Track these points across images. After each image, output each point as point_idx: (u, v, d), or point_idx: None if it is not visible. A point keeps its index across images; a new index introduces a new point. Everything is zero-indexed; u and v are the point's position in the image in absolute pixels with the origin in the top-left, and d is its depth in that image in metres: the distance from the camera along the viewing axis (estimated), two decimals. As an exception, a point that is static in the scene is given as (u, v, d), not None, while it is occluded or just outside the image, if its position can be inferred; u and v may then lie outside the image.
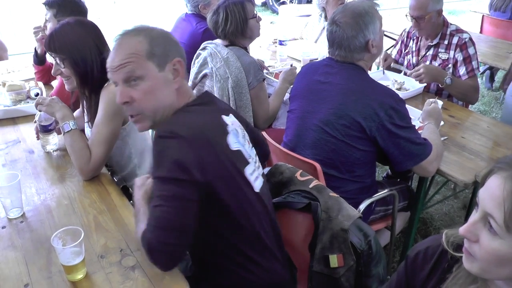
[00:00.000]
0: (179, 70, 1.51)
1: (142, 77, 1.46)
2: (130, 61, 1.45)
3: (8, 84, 2.74)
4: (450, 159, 2.17)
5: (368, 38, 2.04)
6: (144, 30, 1.50)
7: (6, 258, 1.54)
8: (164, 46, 1.49)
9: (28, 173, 2.04)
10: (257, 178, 1.55)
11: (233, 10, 2.64)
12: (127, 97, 1.48)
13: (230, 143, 1.48)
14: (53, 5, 2.70)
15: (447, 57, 2.96)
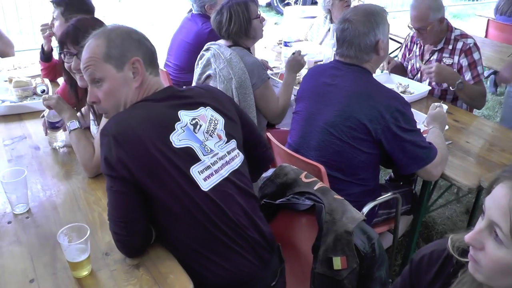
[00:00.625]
0: (139, 68, 1.56)
1: (102, 79, 1.54)
2: (90, 65, 1.54)
3: (14, 80, 2.75)
4: (454, 164, 2.18)
5: (378, 37, 2.06)
6: (106, 32, 1.57)
7: (11, 253, 1.55)
8: (121, 47, 1.54)
9: (33, 169, 2.05)
10: (210, 176, 1.53)
11: (237, 10, 2.64)
12: (94, 97, 1.58)
13: (173, 140, 1.49)
14: (60, 3, 2.72)
15: (452, 62, 2.95)
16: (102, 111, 1.62)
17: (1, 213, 1.76)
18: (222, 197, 1.54)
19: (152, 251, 1.55)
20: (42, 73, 3.09)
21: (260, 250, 1.59)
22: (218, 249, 1.53)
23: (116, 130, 1.45)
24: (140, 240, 1.53)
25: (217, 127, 1.62)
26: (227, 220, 1.53)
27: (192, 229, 1.50)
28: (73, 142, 2.01)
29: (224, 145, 1.62)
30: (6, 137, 2.34)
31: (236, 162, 1.63)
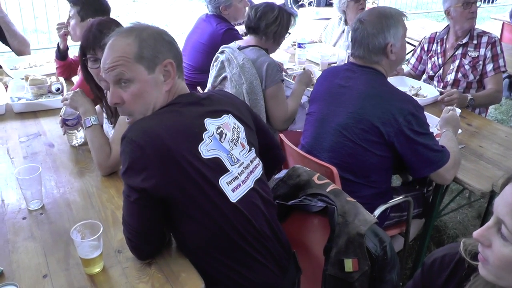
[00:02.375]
0: (171, 72, 1.50)
1: (131, 80, 1.46)
2: (119, 64, 1.45)
3: (30, 78, 2.78)
4: (467, 168, 2.16)
5: (388, 41, 2.06)
6: (135, 31, 1.49)
7: (26, 248, 1.57)
8: (154, 48, 1.47)
9: (48, 166, 2.08)
10: (238, 186, 1.50)
11: (284, 17, 2.73)
12: (117, 98, 1.49)
13: (202, 151, 1.44)
14: (77, 2, 2.74)
15: (477, 55, 3.03)
16: (126, 113, 1.53)
17: (16, 209, 1.78)
18: (249, 207, 1.51)
19: (164, 249, 1.56)
20: (57, 71, 3.12)
21: (280, 259, 1.58)
22: (241, 258, 1.51)
23: (143, 139, 1.37)
24: (152, 248, 1.52)
25: (240, 135, 1.58)
26: (253, 230, 1.51)
27: (217, 239, 1.48)
28: (88, 139, 2.02)
29: (247, 153, 1.58)
30: (22, 134, 2.37)
31: (258, 171, 1.61)
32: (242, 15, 3.53)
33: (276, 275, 1.57)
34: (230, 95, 1.76)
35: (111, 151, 1.98)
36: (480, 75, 3.05)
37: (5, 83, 2.94)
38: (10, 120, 2.54)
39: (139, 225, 1.45)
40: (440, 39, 3.21)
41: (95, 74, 2.05)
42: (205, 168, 1.42)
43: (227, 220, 1.46)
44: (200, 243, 1.49)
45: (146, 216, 1.44)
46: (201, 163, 1.42)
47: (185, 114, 1.49)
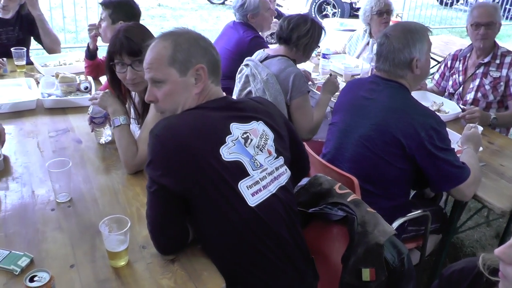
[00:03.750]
0: (202, 76, 1.57)
1: (163, 81, 1.56)
2: (153, 66, 1.56)
3: (61, 75, 2.86)
4: (488, 186, 2.17)
5: (413, 55, 2.08)
6: (174, 35, 1.59)
7: (54, 238, 1.63)
8: (187, 53, 1.55)
9: (75, 161, 2.13)
10: (258, 191, 1.53)
11: (315, 28, 2.77)
12: (152, 96, 1.60)
13: (223, 153, 1.48)
14: (109, 5, 2.82)
15: (499, 75, 3.03)
16: (159, 110, 1.65)
17: (46, 200, 1.84)
18: (268, 212, 1.53)
19: (188, 248, 1.60)
20: (85, 70, 3.20)
21: (298, 264, 1.61)
22: (259, 261, 1.54)
23: (165, 135, 1.47)
24: (171, 243, 1.56)
25: (268, 142, 1.62)
26: (271, 235, 1.54)
27: (234, 241, 1.52)
28: (116, 138, 2.08)
29: (273, 160, 1.62)
30: (51, 129, 2.45)
31: (283, 178, 1.63)
32: (268, 24, 3.60)
33: (294, 280, 1.60)
34: (269, 104, 1.80)
35: (138, 150, 2.03)
36: (502, 96, 3.05)
37: (37, 79, 3.03)
38: (41, 115, 2.62)
39: (156, 216, 1.52)
40: (463, 56, 3.22)
41: (122, 78, 2.11)
42: (225, 170, 1.47)
43: (245, 223, 1.50)
44: (219, 244, 1.54)
45: (164, 208, 1.51)
46: (220, 165, 1.47)
47: (210, 116, 1.56)
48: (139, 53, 1.98)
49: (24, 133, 2.39)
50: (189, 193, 1.46)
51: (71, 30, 7.62)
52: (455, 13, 11.16)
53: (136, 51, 2.01)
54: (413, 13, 10.07)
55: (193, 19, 10.26)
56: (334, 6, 10.14)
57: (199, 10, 11.26)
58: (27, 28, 3.56)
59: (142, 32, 2.11)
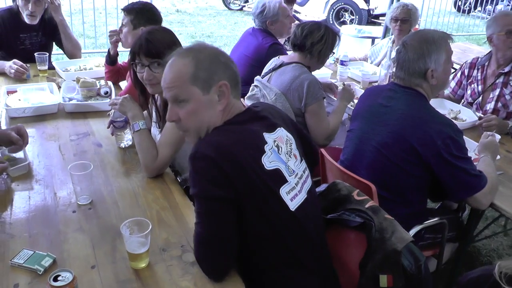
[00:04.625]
0: (225, 92, 1.55)
1: (187, 100, 1.53)
2: (175, 85, 1.53)
3: (81, 80, 2.91)
4: (505, 194, 2.16)
5: (428, 66, 2.08)
6: (193, 52, 1.56)
7: (76, 239, 1.67)
8: (209, 70, 1.53)
9: (96, 164, 2.16)
10: (295, 196, 1.57)
11: (329, 35, 2.78)
12: (175, 115, 1.57)
13: (265, 162, 1.51)
14: (131, 11, 2.86)
15: None
16: (182, 129, 1.62)
17: (67, 202, 1.88)
18: (303, 216, 1.58)
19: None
20: (106, 75, 3.25)
21: (324, 267, 1.67)
22: (295, 267, 1.58)
23: (215, 153, 1.44)
24: (231, 261, 1.53)
25: (292, 147, 1.65)
26: (306, 238, 1.59)
27: (276, 248, 1.56)
28: (136, 142, 2.12)
29: (299, 164, 1.65)
30: (72, 133, 2.50)
31: (309, 181, 1.68)
32: (287, 31, 3.63)
33: (321, 281, 1.64)
34: (278, 109, 1.82)
35: (158, 154, 2.06)
36: None
37: (58, 83, 3.09)
38: (62, 119, 2.67)
39: (221, 236, 1.48)
40: (481, 65, 3.19)
41: (140, 78, 2.16)
42: (269, 179, 1.50)
43: (287, 229, 1.55)
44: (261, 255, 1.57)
45: (229, 223, 1.48)
46: (265, 175, 1.50)
47: (247, 129, 1.57)
48: (158, 55, 2.04)
49: (46, 136, 2.45)
50: (241, 203, 1.47)
51: (91, 35, 7.73)
52: (472, 20, 11.09)
53: (154, 53, 2.06)
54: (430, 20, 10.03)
55: (211, 25, 10.34)
56: (352, 12, 10.15)
57: (217, 16, 11.34)
58: (50, 33, 3.64)
59: (165, 35, 2.15)
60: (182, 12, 11.60)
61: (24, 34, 3.53)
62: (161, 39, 2.10)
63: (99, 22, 7.50)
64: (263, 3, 3.47)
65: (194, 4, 12.79)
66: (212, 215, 1.47)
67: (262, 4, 3.48)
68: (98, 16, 7.72)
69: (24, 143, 2.13)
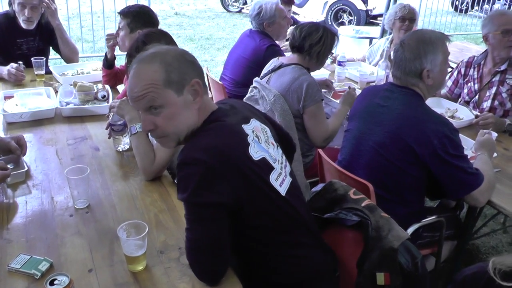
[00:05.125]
0: (198, 90, 1.53)
1: (162, 105, 1.49)
2: (149, 92, 1.47)
3: (79, 84, 2.92)
4: (502, 192, 2.17)
5: (424, 66, 2.08)
6: (159, 56, 1.52)
7: (73, 243, 1.67)
8: (179, 71, 1.50)
9: (93, 168, 2.17)
10: (283, 181, 1.61)
11: (328, 35, 2.78)
12: (150, 124, 1.52)
13: (252, 154, 1.52)
14: (127, 15, 2.87)
15: None
16: (159, 136, 1.57)
17: (64, 207, 1.89)
18: (293, 198, 1.63)
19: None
20: (103, 79, 3.26)
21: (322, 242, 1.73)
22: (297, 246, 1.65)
23: (207, 156, 1.42)
24: (225, 265, 1.53)
25: (268, 135, 1.68)
26: (299, 218, 1.64)
27: (276, 234, 1.60)
28: (134, 145, 2.12)
29: (277, 150, 1.69)
30: (70, 137, 2.50)
31: (288, 165, 1.73)
32: (284, 33, 3.64)
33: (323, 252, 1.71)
34: (243, 102, 1.88)
35: (155, 157, 2.07)
36: None
37: (55, 88, 3.09)
38: (59, 124, 2.68)
39: (216, 241, 1.47)
40: (477, 64, 3.20)
41: None
42: (259, 169, 1.52)
43: (284, 214, 1.59)
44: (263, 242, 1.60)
45: (218, 229, 1.46)
46: (255, 166, 1.51)
47: (228, 125, 1.56)
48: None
49: (43, 141, 2.45)
50: (240, 200, 1.48)
51: (88, 39, 7.74)
52: (470, 19, 11.11)
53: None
54: (428, 19, 10.04)
55: (209, 27, 10.35)
56: (350, 13, 10.17)
57: (215, 19, 11.35)
58: (47, 38, 3.65)
59: (161, 38, 2.16)
60: (180, 14, 11.61)
61: (21, 39, 3.54)
62: (158, 42, 2.11)
63: (97, 26, 7.51)
64: (260, 5, 3.48)
65: (192, 7, 12.81)
66: (202, 220, 1.45)
67: (259, 6, 3.49)
68: (96, 20, 7.74)
69: (22, 153, 2.14)
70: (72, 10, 7.55)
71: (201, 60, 7.49)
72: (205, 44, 8.73)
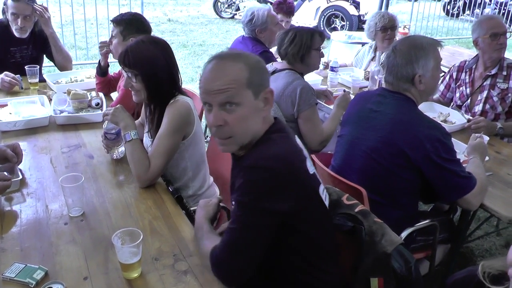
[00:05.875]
0: (269, 99, 1.56)
1: (238, 104, 1.48)
2: (231, 87, 1.47)
3: (73, 92, 2.92)
4: (494, 195, 2.19)
5: (416, 72, 2.09)
6: (242, 57, 1.53)
7: (68, 251, 1.67)
8: (261, 75, 1.53)
9: (87, 176, 2.18)
10: (326, 196, 1.67)
11: (302, 35, 2.79)
12: (221, 120, 1.50)
13: (308, 167, 1.56)
14: (120, 23, 2.87)
15: (507, 87, 3.07)
16: (226, 135, 1.53)
17: (59, 215, 1.89)
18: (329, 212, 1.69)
19: (199, 259, 1.64)
20: (97, 87, 3.26)
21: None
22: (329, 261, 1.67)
23: (277, 165, 1.44)
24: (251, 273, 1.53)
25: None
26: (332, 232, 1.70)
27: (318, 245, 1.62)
28: (128, 152, 2.13)
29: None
30: (64, 145, 2.50)
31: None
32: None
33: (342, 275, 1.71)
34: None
35: (150, 165, 2.08)
36: (510, 107, 3.08)
37: (49, 96, 3.09)
38: (53, 132, 2.67)
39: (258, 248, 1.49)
40: (469, 68, 3.24)
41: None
42: (314, 183, 1.58)
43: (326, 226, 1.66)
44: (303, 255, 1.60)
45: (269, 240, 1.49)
46: (311, 180, 1.57)
47: (289, 137, 1.60)
48: (133, 67, 2.09)
49: (37, 149, 2.45)
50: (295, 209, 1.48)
51: (82, 47, 7.74)
52: (461, 23, 11.20)
53: (129, 64, 2.09)
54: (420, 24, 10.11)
55: (202, 33, 10.38)
56: (343, 19, 10.22)
57: (208, 25, 11.38)
58: (40, 46, 3.65)
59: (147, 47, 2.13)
60: (174, 21, 11.64)
61: (15, 47, 3.54)
62: (141, 51, 2.11)
63: (90, 33, 7.51)
64: (252, 11, 3.51)
65: (185, 13, 12.85)
66: (256, 226, 1.47)
67: (251, 12, 3.51)
68: (90, 27, 7.74)
69: (18, 161, 2.14)
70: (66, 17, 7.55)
71: (194, 67, 7.49)
72: (198, 50, 8.76)
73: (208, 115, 1.53)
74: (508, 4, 11.31)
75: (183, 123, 2.13)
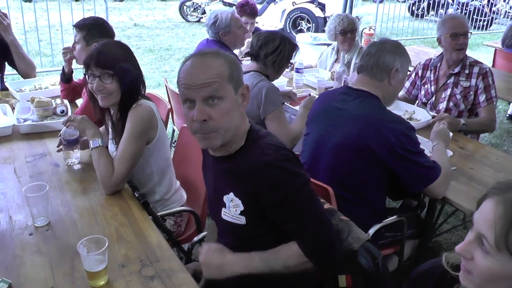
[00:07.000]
0: (246, 95, 1.60)
1: (222, 98, 1.50)
2: (215, 81, 1.49)
3: (36, 100, 2.87)
4: (458, 189, 2.24)
5: (396, 65, 2.18)
6: (221, 54, 1.58)
7: (33, 262, 1.64)
8: (238, 71, 1.58)
9: (53, 185, 2.14)
10: None
11: (286, 47, 2.79)
12: (205, 115, 1.50)
13: None
14: (83, 27, 2.83)
15: (469, 85, 3.13)
16: (209, 129, 1.52)
17: (23, 225, 1.85)
18: None
19: (166, 263, 1.63)
20: (61, 94, 3.20)
21: None
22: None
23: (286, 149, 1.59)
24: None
25: None
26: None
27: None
28: (94, 159, 2.10)
29: None
30: (28, 154, 2.45)
31: None
32: (241, 42, 3.66)
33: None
34: None
35: (114, 170, 2.06)
36: (472, 105, 3.15)
37: (12, 104, 3.03)
38: (17, 141, 2.62)
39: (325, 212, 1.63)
40: (434, 66, 3.31)
41: (91, 88, 2.13)
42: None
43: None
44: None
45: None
46: None
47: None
48: (109, 66, 2.05)
49: (0, 160, 2.39)
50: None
51: (47, 53, 7.60)
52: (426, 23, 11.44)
53: (105, 64, 2.06)
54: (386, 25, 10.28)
55: (169, 37, 10.31)
56: (309, 21, 10.29)
57: (174, 29, 11.32)
58: (1, 54, 3.55)
59: (117, 48, 2.16)
60: (140, 26, 11.54)
61: (-26, 56, 3.46)
62: (113, 51, 2.12)
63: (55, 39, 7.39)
64: (216, 15, 3.51)
65: (151, 18, 12.76)
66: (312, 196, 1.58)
67: (215, 15, 3.51)
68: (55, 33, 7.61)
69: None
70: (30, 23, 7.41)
71: (161, 71, 7.43)
72: (165, 54, 8.69)
73: (190, 112, 1.52)
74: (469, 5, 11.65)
75: (146, 127, 2.11)
